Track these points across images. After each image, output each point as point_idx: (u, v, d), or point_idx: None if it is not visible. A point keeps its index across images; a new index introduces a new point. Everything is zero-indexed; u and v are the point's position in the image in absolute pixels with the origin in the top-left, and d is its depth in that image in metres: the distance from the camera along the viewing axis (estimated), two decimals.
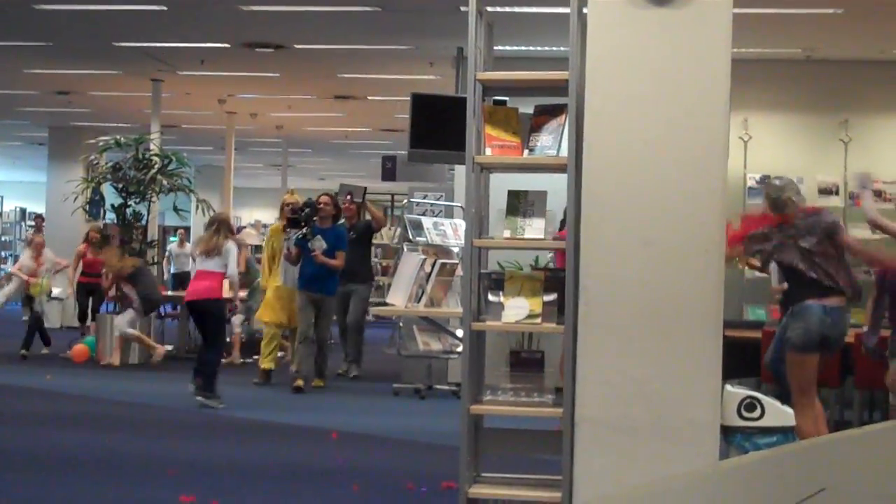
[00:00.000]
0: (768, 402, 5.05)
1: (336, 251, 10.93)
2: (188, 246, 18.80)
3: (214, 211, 15.05)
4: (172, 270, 18.44)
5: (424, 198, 11.76)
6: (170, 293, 14.83)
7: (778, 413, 5.05)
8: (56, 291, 14.69)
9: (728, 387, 5.01)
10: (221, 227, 9.78)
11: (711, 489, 2.49)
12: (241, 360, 13.54)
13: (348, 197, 12.04)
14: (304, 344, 10.95)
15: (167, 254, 18.90)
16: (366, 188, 12.57)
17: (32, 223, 22.31)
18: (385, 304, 5.75)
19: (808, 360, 6.87)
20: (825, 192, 11.43)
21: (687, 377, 4.73)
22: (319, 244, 10.73)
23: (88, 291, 14.35)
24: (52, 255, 14.34)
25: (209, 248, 9.61)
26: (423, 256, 5.57)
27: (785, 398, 6.51)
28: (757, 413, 4.97)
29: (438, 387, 11.20)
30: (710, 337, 4.73)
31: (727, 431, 4.99)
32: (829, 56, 11.72)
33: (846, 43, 11.35)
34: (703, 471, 3.26)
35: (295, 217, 10.90)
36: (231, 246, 9.70)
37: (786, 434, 4.99)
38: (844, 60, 11.76)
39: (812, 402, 6.78)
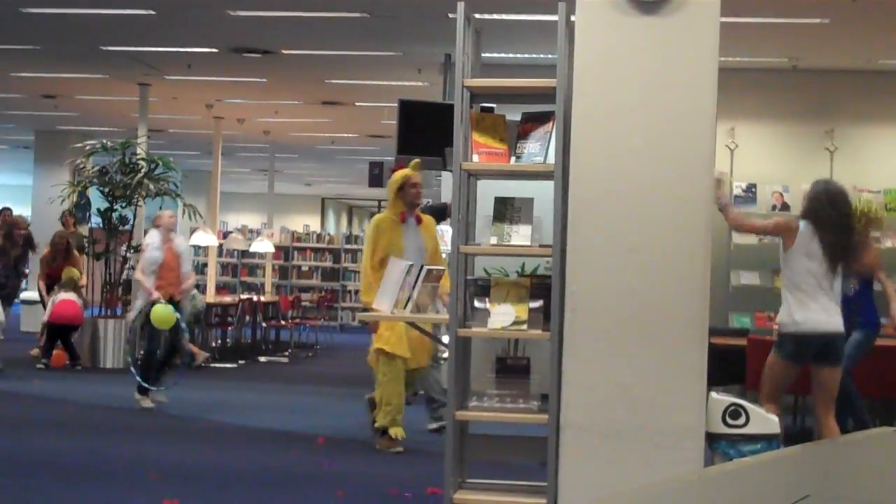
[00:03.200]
0: (753, 409, 5.06)
1: None
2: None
3: (202, 216, 15.03)
4: None
5: None
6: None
7: (763, 420, 5.05)
8: None
9: (713, 394, 5.02)
10: None
11: (696, 496, 2.50)
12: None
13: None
14: None
15: None
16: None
17: None
18: (371, 310, 5.75)
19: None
20: None
21: (672, 383, 4.75)
22: None
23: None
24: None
25: None
26: (410, 262, 5.58)
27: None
28: (742, 420, 4.98)
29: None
30: (695, 343, 4.75)
31: (712, 438, 5.00)
32: (815, 65, 11.78)
33: (832, 52, 11.40)
34: (687, 477, 3.27)
35: None
36: None
37: (770, 441, 5.00)
38: (830, 70, 11.82)
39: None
